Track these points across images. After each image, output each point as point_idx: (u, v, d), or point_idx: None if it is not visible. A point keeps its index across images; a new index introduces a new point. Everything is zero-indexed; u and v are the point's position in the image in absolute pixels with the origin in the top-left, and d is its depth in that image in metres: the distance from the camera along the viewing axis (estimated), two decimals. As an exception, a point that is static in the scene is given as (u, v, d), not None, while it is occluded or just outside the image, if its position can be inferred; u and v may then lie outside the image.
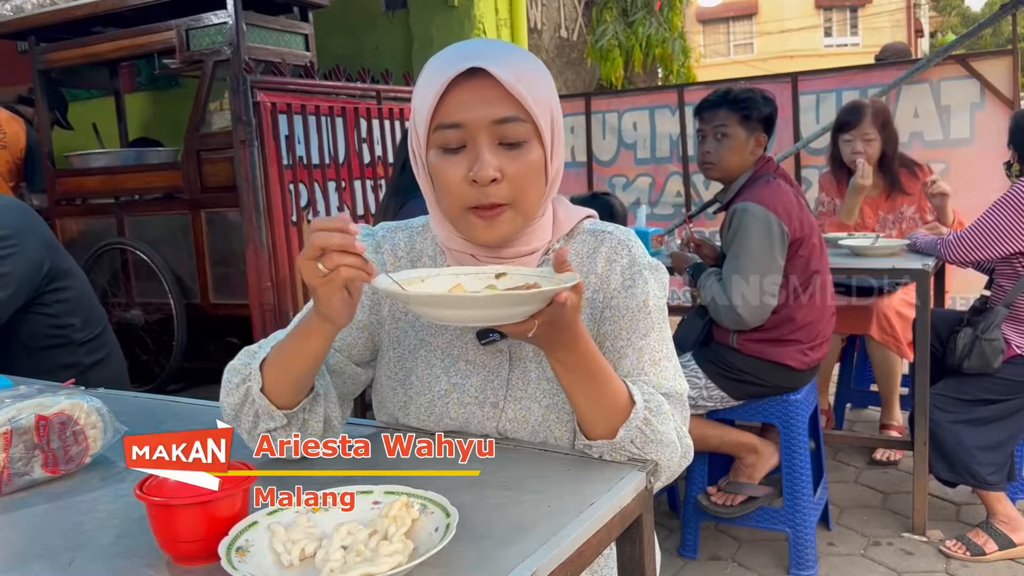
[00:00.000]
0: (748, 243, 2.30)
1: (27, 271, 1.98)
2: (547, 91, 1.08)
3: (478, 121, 1.03)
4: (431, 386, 1.15)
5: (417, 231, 1.23)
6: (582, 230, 1.19)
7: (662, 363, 1.12)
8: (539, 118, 1.05)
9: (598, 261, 1.16)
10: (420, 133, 1.08)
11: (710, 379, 2.42)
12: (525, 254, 1.14)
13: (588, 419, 1.03)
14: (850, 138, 3.17)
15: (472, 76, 1.03)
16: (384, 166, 4.05)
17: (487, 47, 1.06)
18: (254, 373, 1.04)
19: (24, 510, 0.99)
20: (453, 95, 1.03)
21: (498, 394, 1.14)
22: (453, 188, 1.06)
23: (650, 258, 1.17)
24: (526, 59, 1.08)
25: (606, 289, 1.14)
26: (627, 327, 1.12)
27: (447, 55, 1.07)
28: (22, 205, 2.13)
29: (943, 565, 2.50)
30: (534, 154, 1.06)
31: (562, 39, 6.62)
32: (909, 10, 24.45)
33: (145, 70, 6.30)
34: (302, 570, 0.79)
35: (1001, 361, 2.47)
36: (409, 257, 1.21)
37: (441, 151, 1.06)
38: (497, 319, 0.91)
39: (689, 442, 1.10)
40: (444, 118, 1.04)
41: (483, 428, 1.14)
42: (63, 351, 2.08)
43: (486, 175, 1.03)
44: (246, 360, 1.08)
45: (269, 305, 3.52)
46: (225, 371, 1.09)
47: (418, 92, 1.08)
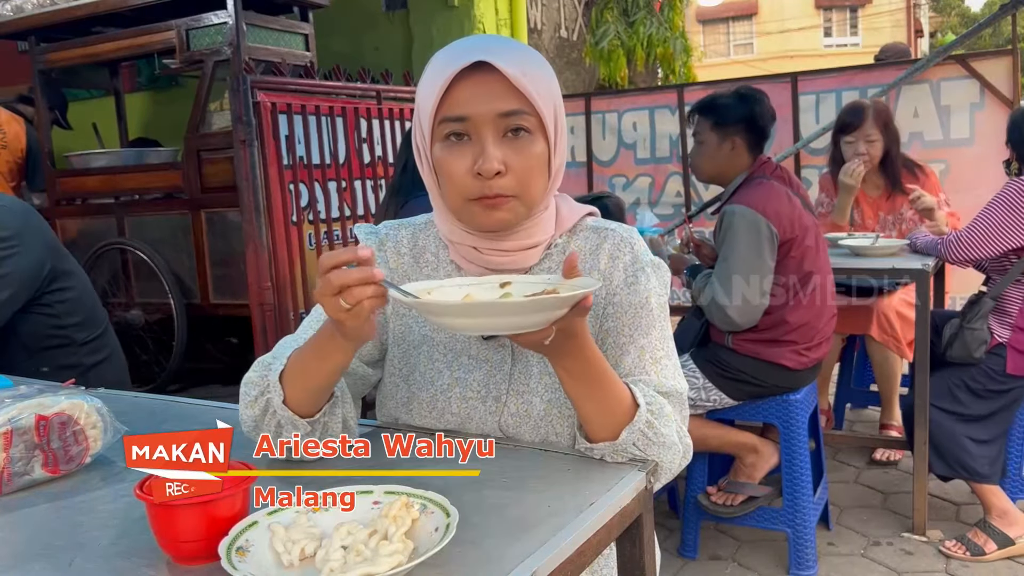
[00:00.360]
0: (736, 245, 2.32)
1: (28, 272, 1.98)
2: (551, 86, 1.08)
3: (483, 114, 1.03)
4: (434, 381, 1.15)
5: (420, 228, 1.23)
6: (584, 227, 1.20)
7: (663, 361, 1.12)
8: (543, 112, 1.05)
9: (601, 258, 1.16)
10: (425, 127, 1.08)
11: (708, 379, 2.42)
12: (528, 247, 1.14)
13: (592, 422, 1.03)
14: (852, 139, 3.17)
15: (477, 70, 1.03)
16: (384, 166, 4.05)
17: (492, 42, 1.07)
18: (273, 385, 1.03)
19: (24, 510, 0.99)
20: (458, 89, 1.04)
21: (500, 388, 1.14)
22: (457, 180, 1.06)
23: (652, 256, 1.18)
24: (531, 54, 1.09)
25: (609, 286, 1.15)
26: (629, 324, 1.12)
27: (452, 50, 1.07)
28: (24, 205, 2.12)
29: (943, 565, 2.50)
30: (538, 147, 1.07)
31: (562, 39, 6.62)
32: (909, 10, 24.45)
33: (145, 70, 6.30)
34: (302, 570, 0.79)
35: (984, 351, 2.49)
36: (412, 254, 1.21)
37: (446, 144, 1.07)
38: (521, 326, 0.90)
39: (689, 442, 1.10)
40: (449, 111, 1.05)
41: (485, 423, 1.14)
42: (64, 351, 2.08)
43: (491, 168, 1.03)
44: (262, 372, 1.07)
45: (269, 305, 3.51)
46: (242, 384, 1.08)
47: (423, 86, 1.08)
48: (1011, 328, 2.51)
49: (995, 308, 2.53)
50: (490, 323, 0.90)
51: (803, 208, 2.42)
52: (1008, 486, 2.57)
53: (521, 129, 1.05)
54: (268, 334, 3.51)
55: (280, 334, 3.48)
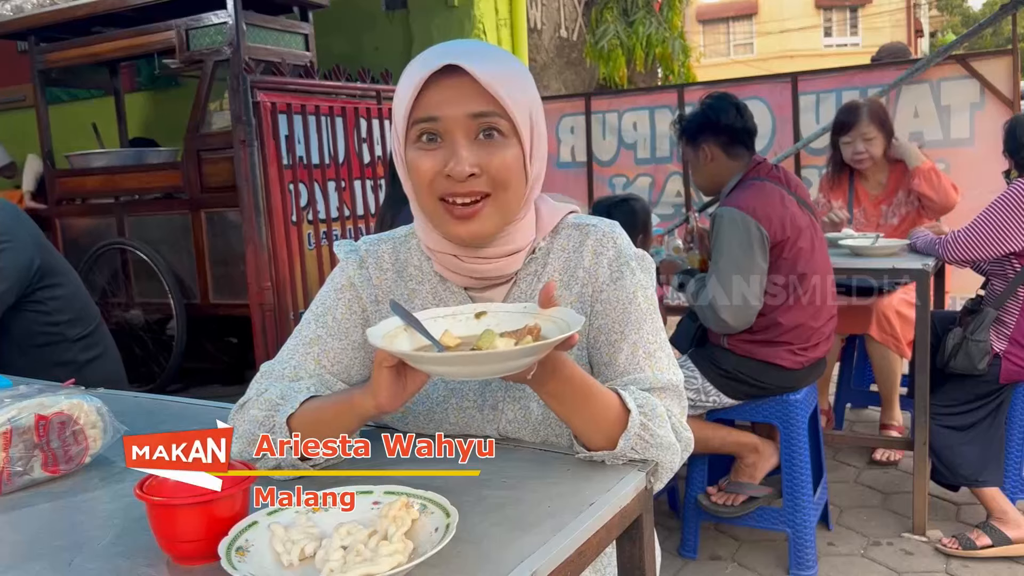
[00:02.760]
0: (727, 247, 2.33)
1: (19, 267, 2.00)
2: (525, 92, 1.07)
3: (454, 116, 1.03)
4: (429, 394, 1.15)
5: (401, 241, 1.21)
6: (567, 224, 1.19)
7: (656, 355, 1.12)
8: (516, 116, 1.04)
9: (585, 255, 1.15)
10: (399, 130, 1.08)
11: (707, 380, 2.42)
12: (509, 253, 1.13)
13: (585, 435, 1.03)
14: (850, 139, 3.18)
15: (450, 74, 1.03)
16: (384, 166, 4.05)
17: (467, 47, 1.06)
18: (280, 427, 1.01)
19: (24, 510, 0.99)
20: (430, 92, 1.04)
21: (496, 396, 1.13)
22: (427, 179, 1.05)
23: (636, 249, 1.17)
24: (505, 59, 1.08)
25: (595, 283, 1.14)
26: (619, 320, 1.12)
27: (427, 54, 1.07)
28: (11, 204, 2.16)
29: (943, 565, 2.50)
30: (512, 151, 1.06)
31: (562, 39, 6.62)
32: (909, 10, 24.45)
33: (145, 70, 6.30)
34: (302, 570, 0.79)
35: (987, 363, 2.49)
36: (395, 268, 1.19)
37: (418, 146, 1.06)
38: (508, 371, 0.89)
39: (688, 435, 1.10)
40: (421, 113, 1.04)
41: (483, 431, 1.14)
42: (57, 348, 2.09)
43: (461, 171, 1.03)
44: (268, 412, 1.03)
45: (269, 305, 3.51)
46: (239, 417, 1.06)
47: (397, 91, 1.08)
48: (1007, 340, 2.51)
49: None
50: (478, 371, 0.89)
51: (800, 208, 2.41)
52: (1008, 487, 2.57)
53: (493, 130, 1.04)
54: (268, 334, 3.51)
55: (280, 334, 3.48)
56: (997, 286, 2.57)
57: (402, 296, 1.17)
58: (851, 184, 3.33)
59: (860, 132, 3.15)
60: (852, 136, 3.17)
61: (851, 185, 3.33)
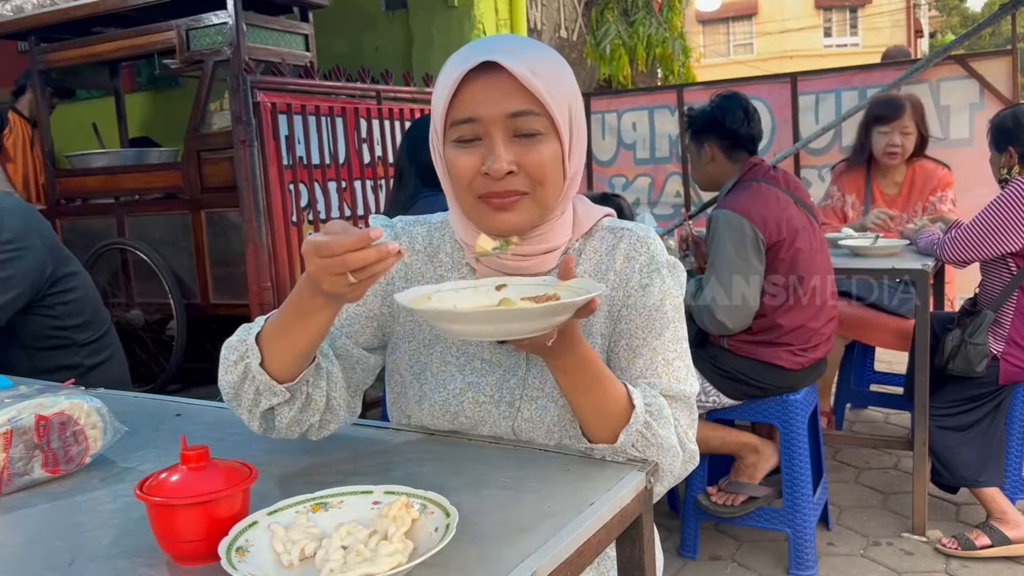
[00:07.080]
0: (723, 248, 2.34)
1: (30, 274, 1.98)
2: (565, 87, 1.07)
3: (492, 115, 1.03)
4: (446, 384, 1.14)
5: (436, 227, 1.22)
6: (601, 227, 1.19)
7: (674, 363, 1.11)
8: (555, 112, 1.04)
9: (617, 258, 1.15)
10: (437, 129, 1.08)
11: (707, 380, 2.42)
12: (544, 252, 1.13)
13: (589, 422, 1.03)
14: (888, 130, 3.15)
15: (487, 71, 1.02)
16: (384, 166, 4.05)
17: (504, 42, 1.06)
18: (251, 349, 1.01)
19: (24, 510, 0.99)
20: (467, 90, 1.03)
21: (514, 393, 1.13)
22: (465, 178, 1.05)
23: (668, 256, 1.17)
24: (544, 54, 1.07)
25: (625, 287, 1.14)
26: (643, 326, 1.12)
27: (464, 51, 1.06)
28: (27, 207, 2.11)
29: (943, 565, 2.50)
30: (551, 147, 1.05)
31: (562, 39, 6.62)
32: (909, 10, 24.44)
33: (145, 70, 6.31)
34: (302, 570, 0.79)
35: (986, 366, 2.50)
36: (427, 252, 1.19)
37: (456, 145, 1.06)
38: (529, 331, 0.89)
39: (694, 448, 1.09)
40: (458, 113, 1.04)
41: (498, 427, 1.13)
42: (64, 352, 2.08)
43: (500, 168, 1.02)
44: (242, 336, 1.05)
45: (269, 305, 3.51)
46: (223, 348, 1.06)
47: (435, 89, 1.08)
48: (1005, 341, 2.51)
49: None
50: (500, 329, 0.90)
51: (798, 209, 2.41)
52: (1008, 487, 2.57)
53: (532, 127, 1.03)
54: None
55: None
56: (994, 285, 2.57)
57: (430, 280, 1.17)
58: (868, 179, 3.30)
59: (900, 125, 3.14)
60: (891, 127, 3.15)
61: (868, 180, 3.30)
